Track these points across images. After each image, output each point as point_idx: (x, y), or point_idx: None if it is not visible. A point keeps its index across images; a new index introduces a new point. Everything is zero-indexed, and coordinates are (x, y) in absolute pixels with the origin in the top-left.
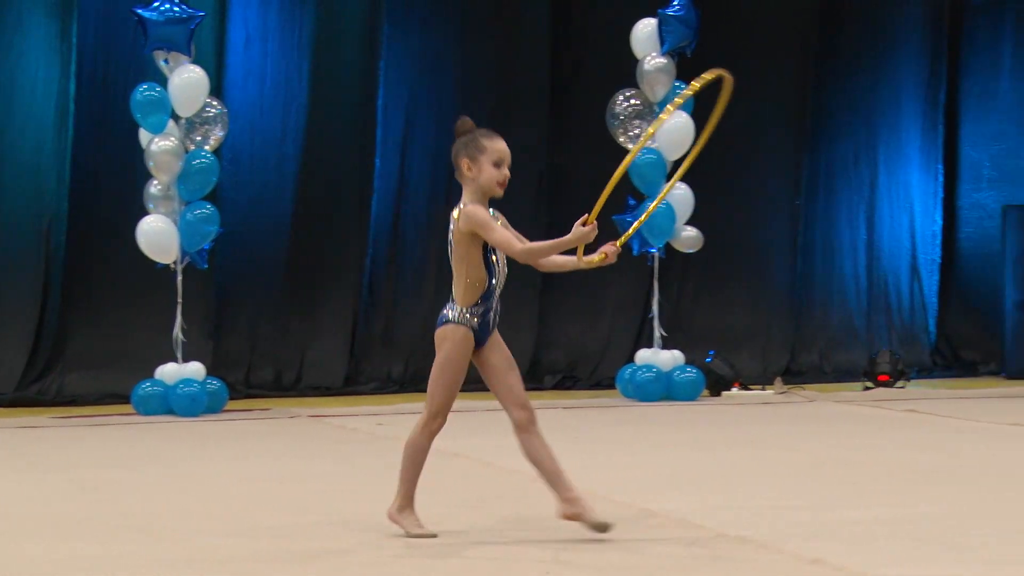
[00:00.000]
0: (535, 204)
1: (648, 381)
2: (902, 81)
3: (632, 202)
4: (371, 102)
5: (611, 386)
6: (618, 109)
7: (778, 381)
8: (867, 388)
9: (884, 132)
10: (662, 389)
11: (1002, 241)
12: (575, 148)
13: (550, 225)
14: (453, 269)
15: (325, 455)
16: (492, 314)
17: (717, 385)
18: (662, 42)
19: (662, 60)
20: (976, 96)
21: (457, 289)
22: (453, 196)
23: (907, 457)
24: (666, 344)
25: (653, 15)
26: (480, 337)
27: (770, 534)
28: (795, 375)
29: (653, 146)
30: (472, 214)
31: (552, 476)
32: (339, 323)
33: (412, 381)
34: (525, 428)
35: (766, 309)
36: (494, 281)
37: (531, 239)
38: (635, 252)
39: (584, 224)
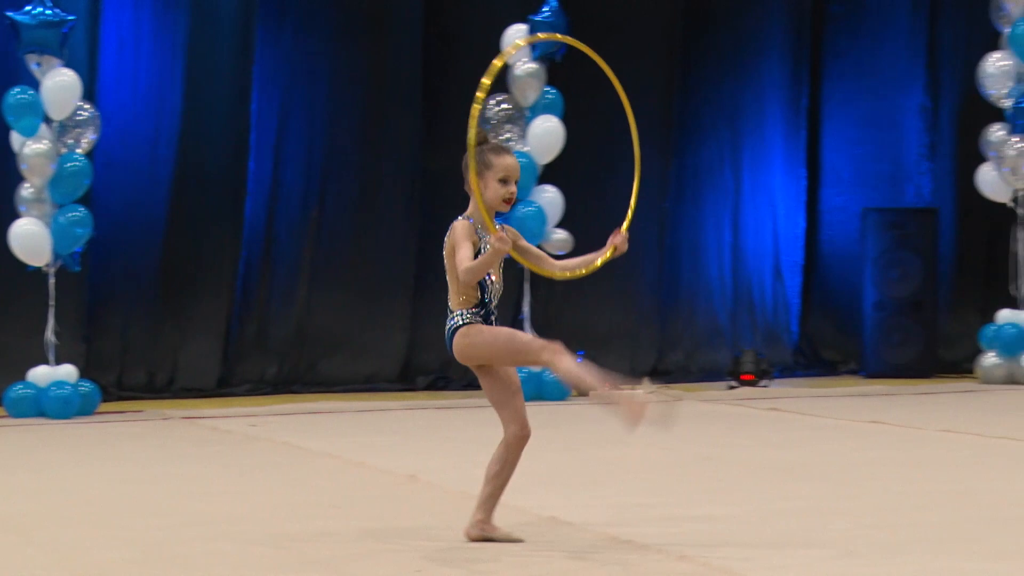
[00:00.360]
0: (408, 206)
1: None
2: (765, 86)
3: None
4: (245, 105)
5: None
6: (490, 113)
7: (645, 381)
8: (731, 387)
9: (748, 136)
10: (533, 389)
11: (861, 243)
12: (448, 151)
13: (423, 228)
14: (448, 281)
15: (198, 457)
16: (493, 320)
17: None
18: (532, 48)
19: (532, 65)
20: (837, 101)
21: (452, 301)
22: (327, 199)
23: (769, 454)
24: None
25: (523, 21)
26: None
27: (635, 531)
28: (662, 374)
29: (524, 149)
30: (453, 230)
31: (488, 496)
32: (212, 325)
33: (285, 383)
34: (511, 446)
35: (634, 310)
36: (487, 297)
37: (403, 241)
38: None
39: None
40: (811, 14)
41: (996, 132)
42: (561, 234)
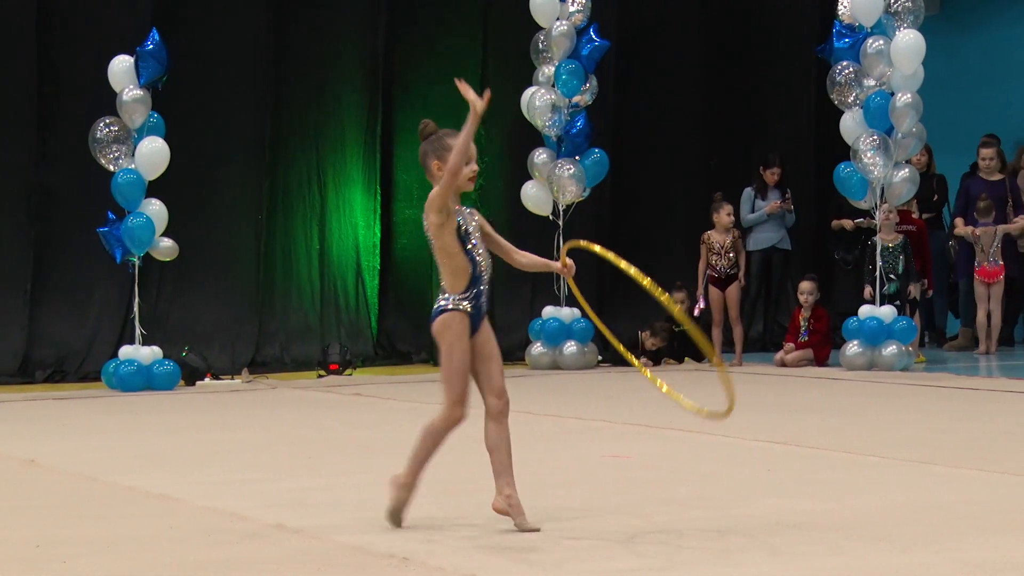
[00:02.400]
0: (24, 219)
1: (130, 374)
2: (345, 116)
3: (112, 216)
4: None
5: (97, 379)
6: (100, 135)
7: (244, 371)
8: (321, 376)
9: (332, 159)
10: (143, 381)
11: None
12: (62, 168)
13: (37, 238)
14: (437, 262)
15: None
16: (484, 299)
17: (192, 376)
18: (139, 76)
19: (139, 92)
20: (407, 129)
21: (445, 280)
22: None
23: (355, 433)
24: (146, 341)
25: (130, 52)
26: (475, 323)
27: (239, 504)
28: (260, 366)
29: (132, 167)
30: (430, 197)
31: (501, 468)
32: None
33: None
34: (495, 417)
35: (234, 309)
36: (479, 269)
37: (21, 247)
38: (118, 260)
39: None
40: (383, 53)
41: (540, 155)
42: (167, 242)
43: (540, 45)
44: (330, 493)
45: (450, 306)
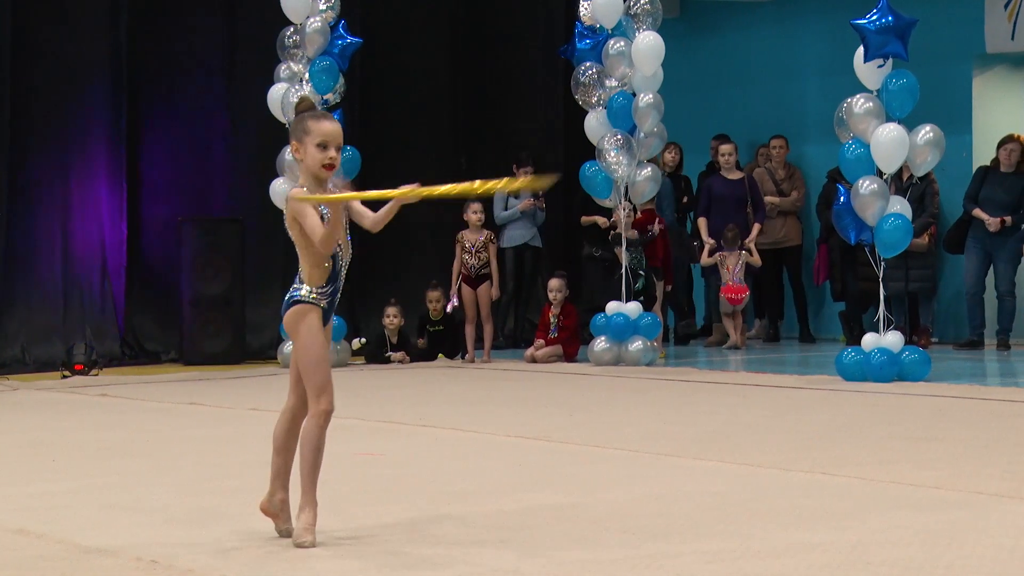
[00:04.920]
0: None
1: None
2: (91, 114)
3: None
4: None
5: None
6: None
7: None
8: (65, 377)
9: (76, 156)
10: None
11: (178, 248)
12: None
13: None
14: (296, 247)
15: None
16: (338, 295)
17: None
18: None
19: None
20: (153, 126)
21: (303, 270)
22: None
23: (100, 435)
24: None
25: None
26: (325, 318)
27: None
28: (1, 367)
29: None
30: (292, 201)
31: (280, 469)
32: None
33: None
34: (298, 417)
35: None
36: (339, 263)
37: None
38: None
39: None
40: (127, 46)
41: (289, 152)
42: None
43: (287, 41)
44: (74, 496)
45: (306, 297)
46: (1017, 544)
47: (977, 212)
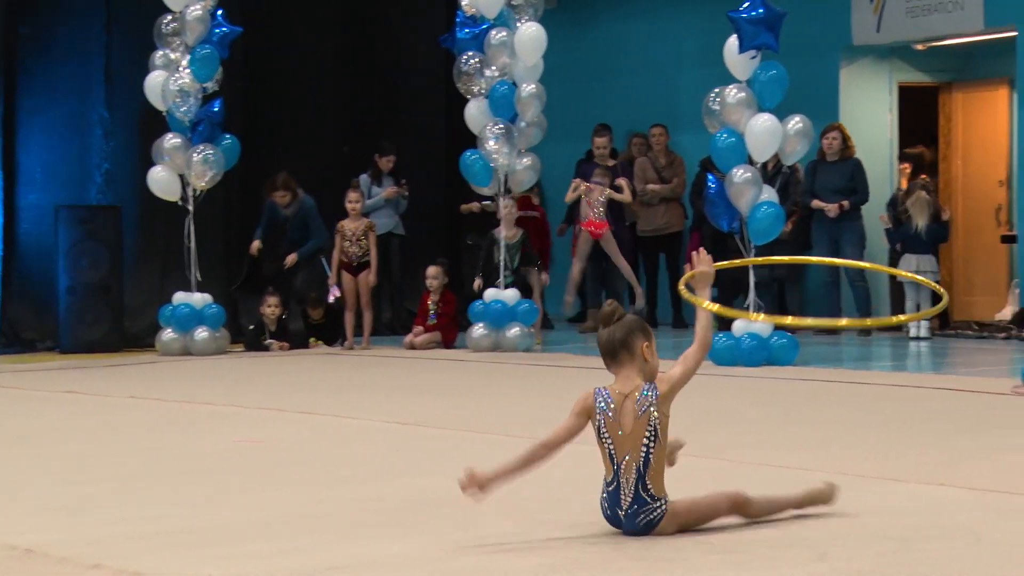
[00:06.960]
0: None
1: None
2: None
3: None
4: None
5: None
6: None
7: None
8: None
9: None
10: None
11: (55, 236)
12: None
13: None
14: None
15: None
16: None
17: None
18: None
19: None
20: (29, 113)
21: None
22: None
23: None
24: None
25: None
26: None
27: None
28: None
29: None
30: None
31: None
32: None
33: None
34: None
35: None
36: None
37: None
38: None
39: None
40: (4, 35)
41: (171, 140)
42: None
43: (164, 28)
44: None
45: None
46: (880, 521)
47: (816, 203)
